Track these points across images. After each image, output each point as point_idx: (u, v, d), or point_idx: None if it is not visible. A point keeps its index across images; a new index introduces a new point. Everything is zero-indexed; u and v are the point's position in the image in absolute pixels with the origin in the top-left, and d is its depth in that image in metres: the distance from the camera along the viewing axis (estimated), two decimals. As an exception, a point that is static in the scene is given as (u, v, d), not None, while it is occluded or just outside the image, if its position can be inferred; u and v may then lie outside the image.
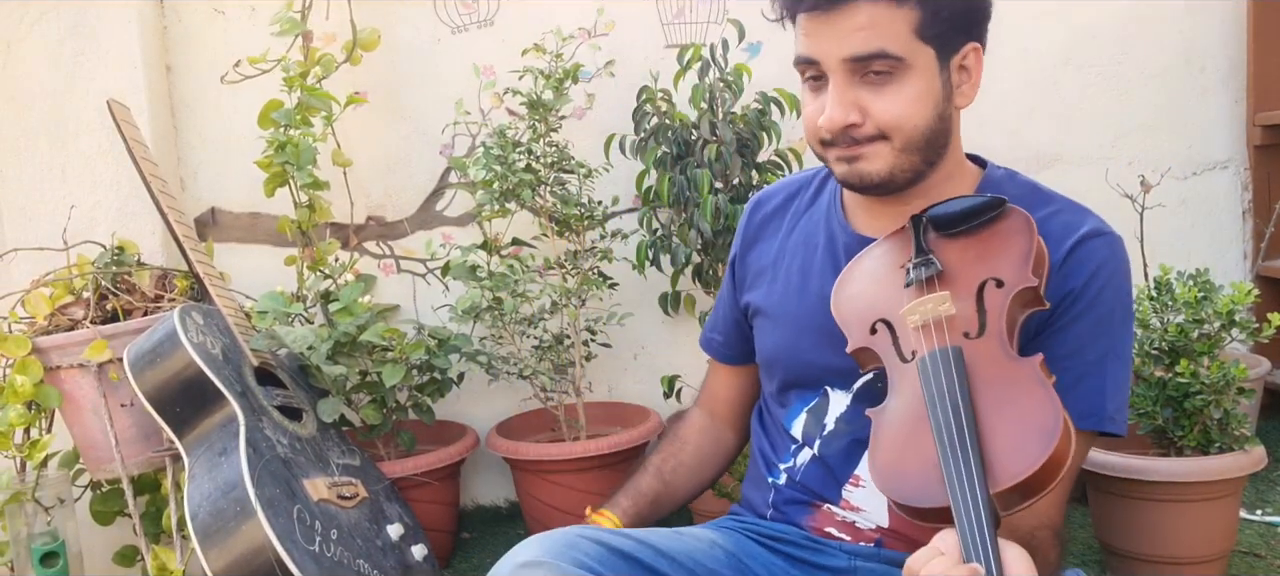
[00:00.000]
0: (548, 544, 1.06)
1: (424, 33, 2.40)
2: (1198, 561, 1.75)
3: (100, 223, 2.20)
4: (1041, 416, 0.87)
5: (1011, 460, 0.86)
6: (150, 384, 1.75)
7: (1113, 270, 1.06)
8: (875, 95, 1.05)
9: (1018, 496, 0.86)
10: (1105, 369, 1.04)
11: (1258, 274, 2.46)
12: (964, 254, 1.04)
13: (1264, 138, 2.47)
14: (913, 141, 1.07)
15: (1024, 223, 1.03)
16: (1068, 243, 1.06)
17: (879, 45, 1.03)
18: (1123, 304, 1.06)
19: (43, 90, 2.20)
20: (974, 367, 0.94)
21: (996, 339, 0.95)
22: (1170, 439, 1.76)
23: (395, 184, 2.45)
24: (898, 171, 1.08)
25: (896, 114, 1.05)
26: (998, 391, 0.91)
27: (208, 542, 1.57)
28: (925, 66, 1.06)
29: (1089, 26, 2.45)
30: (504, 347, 2.29)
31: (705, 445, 1.36)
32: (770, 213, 1.30)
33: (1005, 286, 0.98)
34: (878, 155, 1.07)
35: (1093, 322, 1.04)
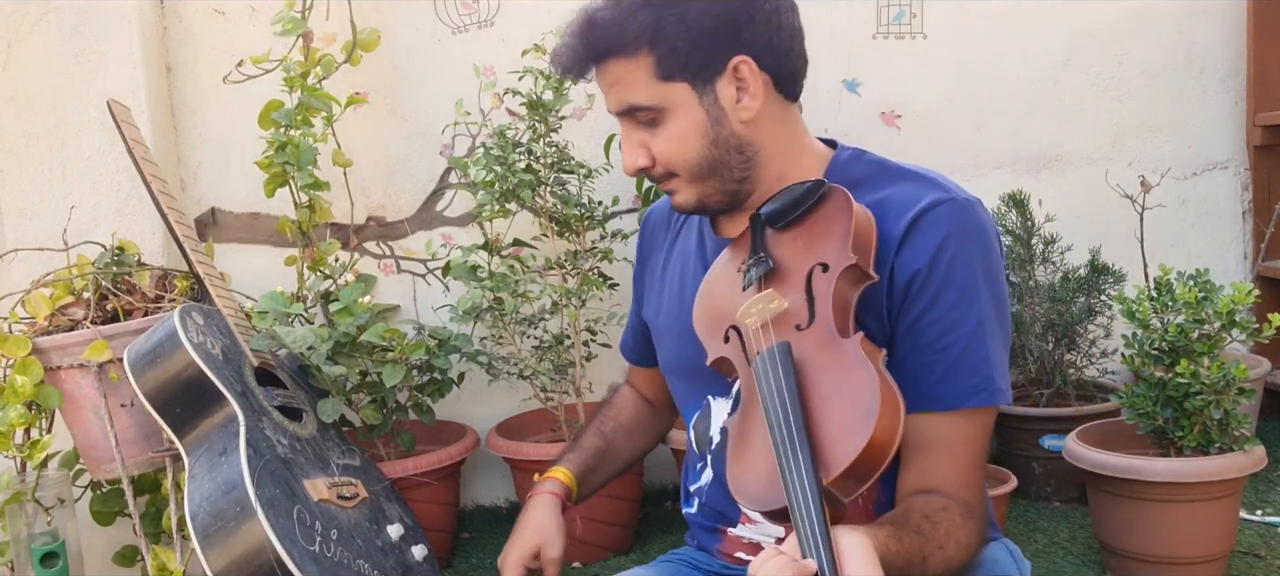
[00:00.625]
0: None
1: (424, 33, 2.40)
2: (1197, 561, 1.75)
3: (100, 223, 2.20)
4: (862, 398, 0.87)
5: (838, 446, 0.86)
6: (150, 384, 1.75)
7: (962, 237, 1.00)
8: (654, 137, 1.09)
9: (853, 482, 0.86)
10: (984, 339, 1.00)
11: (1258, 274, 2.46)
12: (794, 244, 1.05)
13: (1264, 138, 2.47)
14: (697, 173, 1.09)
15: (843, 200, 1.02)
16: (906, 217, 1.01)
17: (628, 100, 1.08)
18: (984, 269, 1.01)
19: (43, 90, 2.20)
20: (804, 358, 0.94)
21: (824, 325, 0.96)
22: (1170, 439, 1.76)
23: (395, 184, 2.45)
24: (706, 198, 1.11)
25: (671, 153, 1.08)
26: (827, 378, 0.92)
27: (208, 543, 1.57)
28: (682, 102, 1.06)
29: (1089, 27, 2.45)
30: (504, 348, 2.29)
31: (640, 413, 1.43)
32: (658, 224, 1.33)
33: (829, 270, 0.98)
34: (679, 189, 1.11)
35: (955, 297, 1.00)
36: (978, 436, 1.02)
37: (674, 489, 2.44)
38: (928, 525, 0.94)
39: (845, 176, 1.08)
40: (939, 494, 0.98)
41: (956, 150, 2.43)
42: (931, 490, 0.99)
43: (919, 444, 1.01)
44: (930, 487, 0.99)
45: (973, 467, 1.02)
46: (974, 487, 1.01)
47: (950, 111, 2.45)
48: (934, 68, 2.43)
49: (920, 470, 1.01)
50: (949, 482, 0.99)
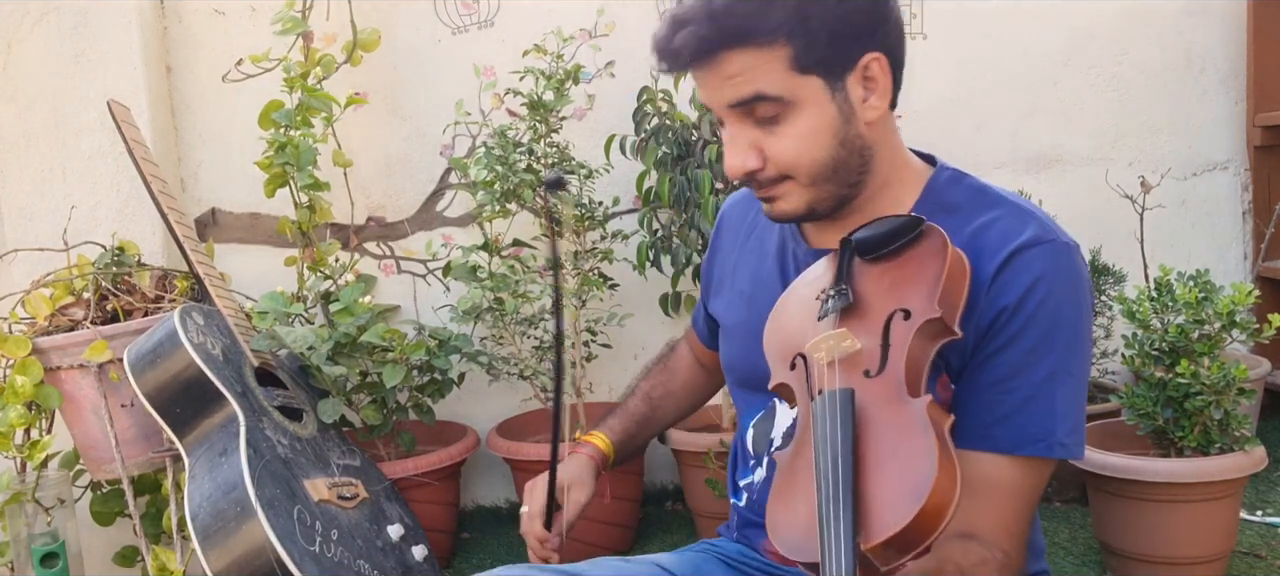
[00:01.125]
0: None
1: (424, 33, 2.40)
2: (1198, 562, 1.75)
3: (101, 223, 2.20)
4: (919, 466, 0.82)
5: (885, 514, 0.81)
6: (151, 384, 1.75)
7: (1053, 282, 0.96)
8: (770, 136, 1.01)
9: (893, 552, 0.81)
10: (1054, 389, 0.96)
11: (1258, 274, 2.46)
12: (880, 281, 1.00)
13: (1264, 138, 2.47)
14: (818, 175, 1.03)
15: (939, 243, 0.97)
16: (1002, 254, 0.97)
17: (755, 89, 0.99)
18: (1068, 319, 0.97)
19: (43, 91, 2.20)
20: (866, 410, 0.89)
21: (894, 379, 0.91)
22: (1170, 439, 1.76)
23: (395, 184, 2.45)
24: (816, 203, 1.05)
25: (794, 153, 1.01)
26: (886, 437, 0.87)
27: (208, 543, 1.57)
28: (813, 97, 1.00)
29: (1089, 27, 2.45)
30: (504, 348, 2.29)
31: (693, 378, 1.42)
32: (734, 218, 1.30)
33: (910, 319, 0.93)
34: (788, 194, 1.04)
35: (1035, 340, 0.96)
36: (1029, 488, 0.97)
37: (675, 489, 2.44)
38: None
39: (942, 200, 1.05)
40: (979, 541, 0.94)
41: (957, 150, 2.40)
42: (971, 535, 0.94)
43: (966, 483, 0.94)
44: (971, 532, 0.94)
45: (1018, 519, 0.97)
46: (1016, 539, 0.97)
47: (950, 111, 2.45)
48: (934, 68, 2.43)
49: (964, 511, 0.93)
50: (991, 530, 0.95)
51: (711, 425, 2.25)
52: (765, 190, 1.04)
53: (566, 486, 1.28)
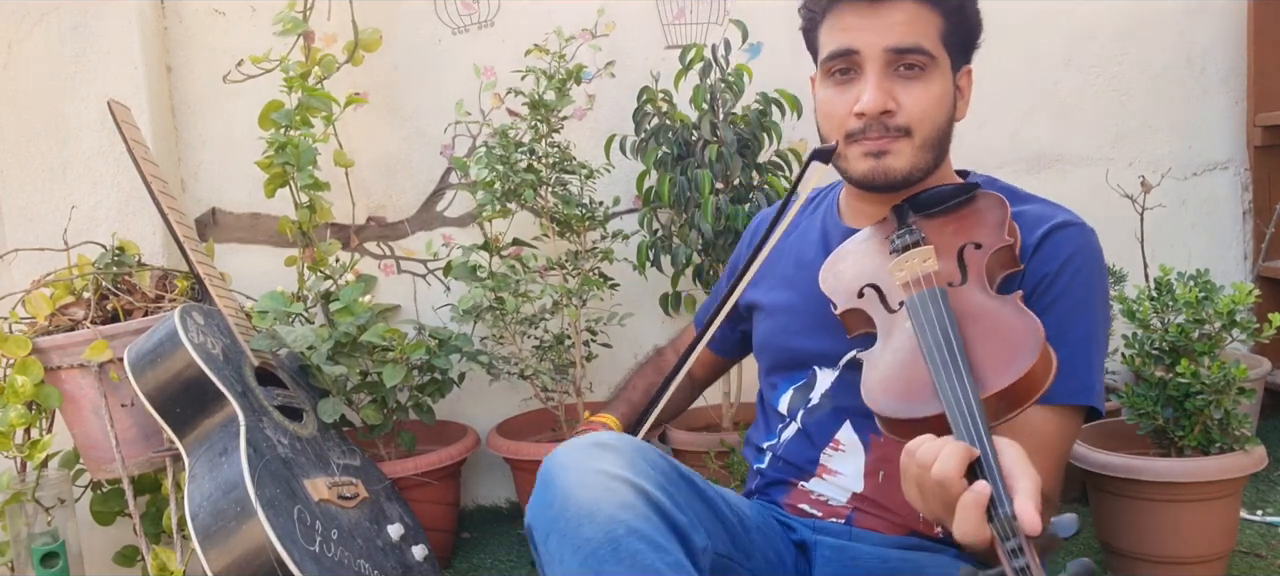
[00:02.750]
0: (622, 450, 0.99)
1: (425, 33, 2.40)
2: (1198, 561, 1.75)
3: (101, 223, 2.20)
4: (1023, 334, 0.93)
5: (998, 371, 0.91)
6: (151, 384, 1.75)
7: (1086, 257, 1.11)
8: (906, 89, 1.14)
9: (1005, 405, 0.91)
10: (1091, 348, 1.09)
11: (1258, 274, 2.46)
12: (943, 228, 1.13)
13: (1264, 138, 2.47)
14: (929, 138, 1.16)
15: (997, 201, 1.13)
16: (1041, 229, 1.12)
17: (917, 40, 1.13)
18: (1099, 289, 1.12)
19: (43, 91, 2.20)
20: (958, 307, 1.00)
21: (978, 285, 1.03)
22: (1171, 439, 1.76)
23: (396, 184, 2.45)
24: (915, 169, 1.17)
25: (923, 108, 1.15)
26: (982, 323, 0.98)
27: (208, 543, 1.57)
28: (945, 70, 1.17)
29: (1089, 27, 2.45)
30: (505, 348, 2.29)
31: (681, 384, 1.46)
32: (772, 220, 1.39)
33: (983, 248, 1.06)
34: (901, 152, 1.16)
35: (1072, 305, 1.09)
36: (1066, 437, 1.09)
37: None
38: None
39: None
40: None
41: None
42: None
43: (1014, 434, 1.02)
44: None
45: (1057, 467, 1.08)
46: (1054, 486, 1.08)
47: (950, 111, 2.45)
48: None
49: None
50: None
51: (712, 425, 2.26)
52: (884, 141, 1.16)
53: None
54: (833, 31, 1.17)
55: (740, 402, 2.25)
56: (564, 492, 0.95)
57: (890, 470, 1.16)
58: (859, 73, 1.15)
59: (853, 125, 1.16)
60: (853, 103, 1.15)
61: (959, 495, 0.81)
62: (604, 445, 0.99)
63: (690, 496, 1.03)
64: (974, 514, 0.80)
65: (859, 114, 1.14)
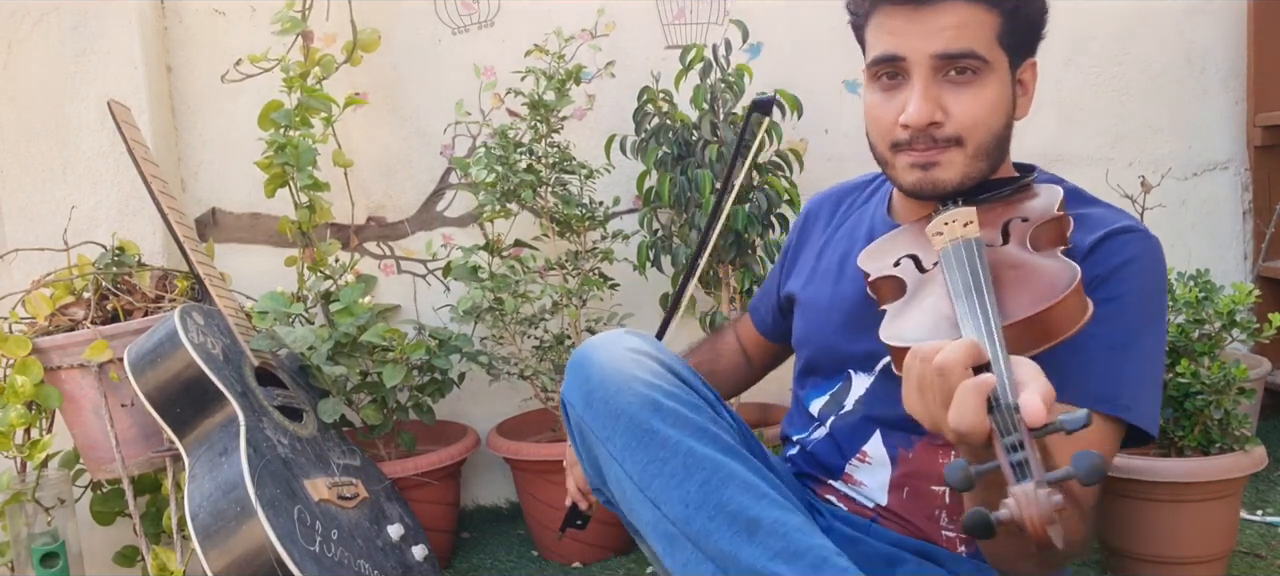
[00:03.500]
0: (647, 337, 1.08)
1: (424, 33, 2.40)
2: (1198, 561, 1.75)
3: (101, 223, 2.20)
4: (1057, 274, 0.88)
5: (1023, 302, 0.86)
6: (151, 384, 1.75)
7: (1142, 265, 1.03)
8: (956, 96, 1.06)
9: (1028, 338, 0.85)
10: (1127, 357, 1.01)
11: (1258, 274, 2.46)
12: (992, 209, 1.07)
13: (1264, 138, 2.47)
14: (984, 147, 1.09)
15: (1048, 190, 1.06)
16: (1099, 232, 1.05)
17: (968, 45, 1.05)
18: (1152, 299, 1.04)
19: (43, 91, 2.20)
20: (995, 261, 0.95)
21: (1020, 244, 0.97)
22: (1171, 439, 1.76)
23: (396, 184, 2.45)
24: (968, 179, 1.10)
25: (976, 116, 1.07)
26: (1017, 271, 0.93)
27: (208, 543, 1.57)
28: (1001, 72, 1.09)
29: (1089, 27, 2.45)
30: (505, 348, 2.29)
31: (737, 365, 1.52)
32: (825, 211, 1.37)
33: (1029, 221, 1.00)
34: (952, 163, 1.08)
35: (1114, 308, 1.01)
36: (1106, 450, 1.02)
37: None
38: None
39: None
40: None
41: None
42: None
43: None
44: None
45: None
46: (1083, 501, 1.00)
47: (950, 111, 2.45)
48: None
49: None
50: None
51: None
52: (932, 153, 1.09)
53: None
54: (878, 34, 1.09)
55: (740, 403, 2.25)
56: (600, 366, 1.02)
57: (914, 486, 1.15)
58: (906, 79, 1.08)
59: (899, 135, 1.09)
60: (899, 111, 1.08)
61: (958, 383, 0.77)
62: (630, 332, 1.08)
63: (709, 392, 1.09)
64: (973, 398, 0.75)
65: (904, 125, 1.08)
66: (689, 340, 2.33)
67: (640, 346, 1.04)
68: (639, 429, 0.98)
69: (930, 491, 1.13)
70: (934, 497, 1.13)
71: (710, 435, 0.98)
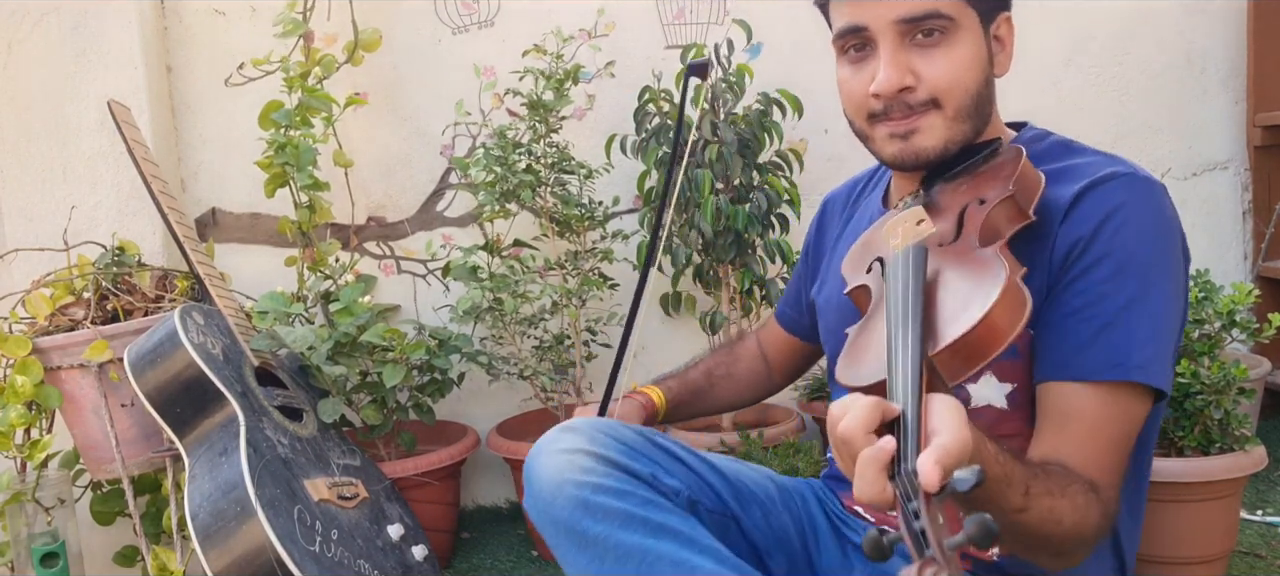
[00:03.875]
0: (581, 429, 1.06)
1: (425, 33, 2.40)
2: (1198, 561, 1.75)
3: (101, 223, 2.20)
4: (985, 284, 0.85)
5: (951, 323, 0.83)
6: (151, 384, 1.75)
7: (1130, 212, 0.96)
8: (926, 59, 1.03)
9: (959, 361, 0.82)
10: (1131, 317, 0.95)
11: (1258, 274, 2.46)
12: (957, 190, 1.04)
13: (1264, 138, 2.47)
14: (964, 108, 1.05)
15: (1014, 154, 1.01)
16: (1077, 186, 0.98)
17: (931, 5, 1.01)
18: (1149, 248, 0.96)
19: (44, 91, 2.20)
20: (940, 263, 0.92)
21: (967, 241, 0.94)
22: (1171, 439, 1.76)
23: (396, 184, 2.45)
24: (950, 143, 1.06)
25: (950, 76, 1.03)
26: (957, 273, 0.89)
27: (208, 543, 1.57)
28: (972, 28, 1.04)
29: (1089, 27, 2.45)
30: (504, 348, 2.29)
31: (755, 370, 1.47)
32: (838, 206, 1.35)
33: (985, 203, 0.97)
34: (932, 128, 1.05)
35: (1111, 269, 0.95)
36: (1117, 418, 0.96)
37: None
38: (1042, 470, 0.89)
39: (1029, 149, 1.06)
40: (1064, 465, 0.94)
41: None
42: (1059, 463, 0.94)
43: (1052, 415, 0.97)
44: (1058, 461, 0.94)
45: (1104, 449, 0.96)
46: (1104, 471, 0.95)
47: (950, 112, 2.45)
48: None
49: (1051, 443, 0.96)
50: (1077, 459, 0.94)
51: (712, 425, 2.26)
52: (910, 120, 1.05)
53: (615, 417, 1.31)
54: (840, 6, 1.07)
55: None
56: (538, 478, 1.03)
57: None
58: (872, 48, 1.05)
59: (873, 106, 1.05)
60: (869, 81, 1.04)
61: (861, 450, 0.74)
62: (567, 429, 1.06)
63: (659, 454, 1.07)
64: (870, 470, 0.72)
65: (875, 94, 1.04)
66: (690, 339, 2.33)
67: (575, 444, 1.03)
68: (574, 533, 0.98)
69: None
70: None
71: (638, 520, 0.97)
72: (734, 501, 1.12)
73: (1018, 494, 0.85)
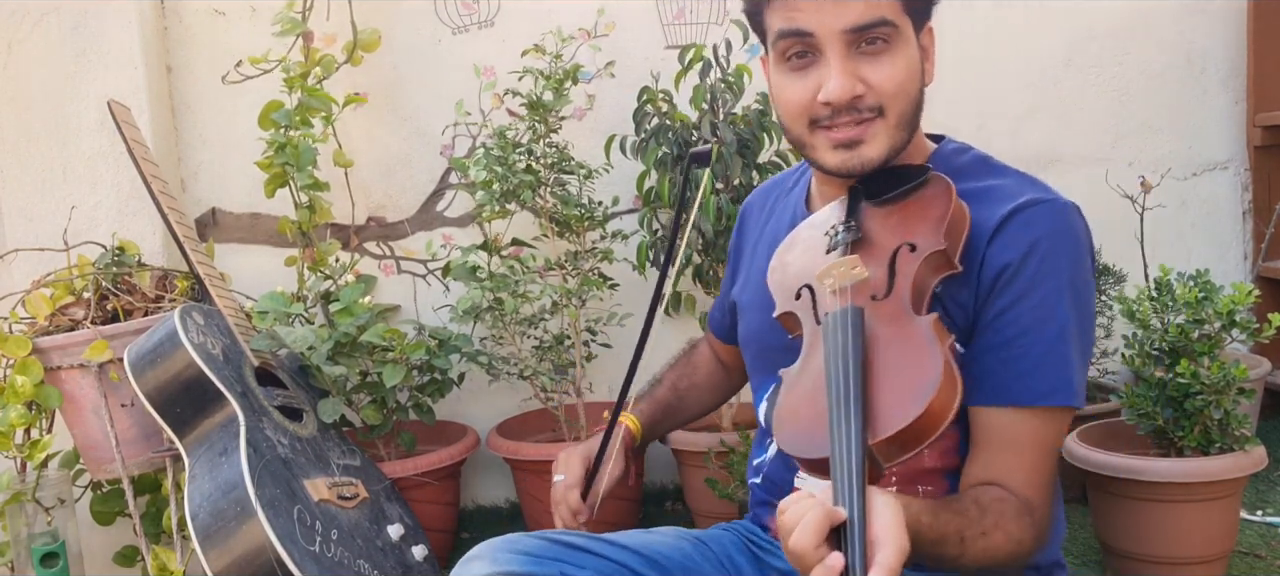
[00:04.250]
0: (483, 555, 1.10)
1: (424, 33, 2.40)
2: (1198, 562, 1.75)
3: (101, 223, 2.20)
4: (924, 372, 0.88)
5: (893, 412, 0.87)
6: (151, 384, 1.75)
7: (1056, 240, 1.00)
8: (873, 66, 1.03)
9: (897, 448, 0.86)
10: (1067, 343, 1.00)
11: (1258, 274, 2.46)
12: (886, 221, 1.05)
13: (1264, 138, 2.47)
14: (906, 115, 1.06)
15: (944, 188, 1.03)
16: (1002, 211, 1.01)
17: (879, 13, 1.01)
18: (1073, 275, 1.01)
19: (44, 91, 2.20)
20: (874, 327, 0.95)
21: (899, 301, 0.96)
22: (1171, 439, 1.76)
23: (396, 184, 2.45)
24: (892, 150, 1.06)
25: (896, 84, 1.03)
26: (893, 349, 0.92)
27: (208, 543, 1.57)
28: (909, 38, 1.05)
29: (1089, 27, 2.45)
30: (504, 348, 2.29)
31: (715, 374, 1.48)
32: (755, 209, 1.35)
33: (917, 250, 0.99)
34: (876, 136, 1.05)
35: (1042, 296, 0.99)
36: (1049, 438, 1.02)
37: (675, 489, 2.44)
38: (975, 509, 0.95)
39: (949, 166, 1.09)
40: (1000, 488, 0.99)
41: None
42: (994, 484, 1.00)
43: (987, 438, 1.01)
44: (993, 482, 1.00)
45: (1039, 468, 1.01)
46: (1038, 489, 1.01)
47: (950, 111, 2.43)
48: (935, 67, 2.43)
49: (986, 464, 1.01)
50: (1013, 480, 0.99)
51: (712, 425, 2.26)
52: (856, 128, 1.05)
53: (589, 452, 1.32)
54: (781, 10, 1.05)
55: (740, 402, 2.25)
56: None
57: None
58: (817, 56, 1.03)
59: (819, 112, 1.04)
60: (814, 89, 1.03)
61: (813, 564, 0.78)
62: (469, 559, 1.10)
63: (565, 551, 1.10)
64: None
65: (826, 102, 1.03)
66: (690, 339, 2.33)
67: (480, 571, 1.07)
68: None
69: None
70: None
71: None
72: (652, 573, 1.13)
73: (953, 546, 0.91)
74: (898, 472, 1.07)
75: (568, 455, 1.32)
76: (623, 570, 1.12)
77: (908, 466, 1.05)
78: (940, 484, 1.07)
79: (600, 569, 1.11)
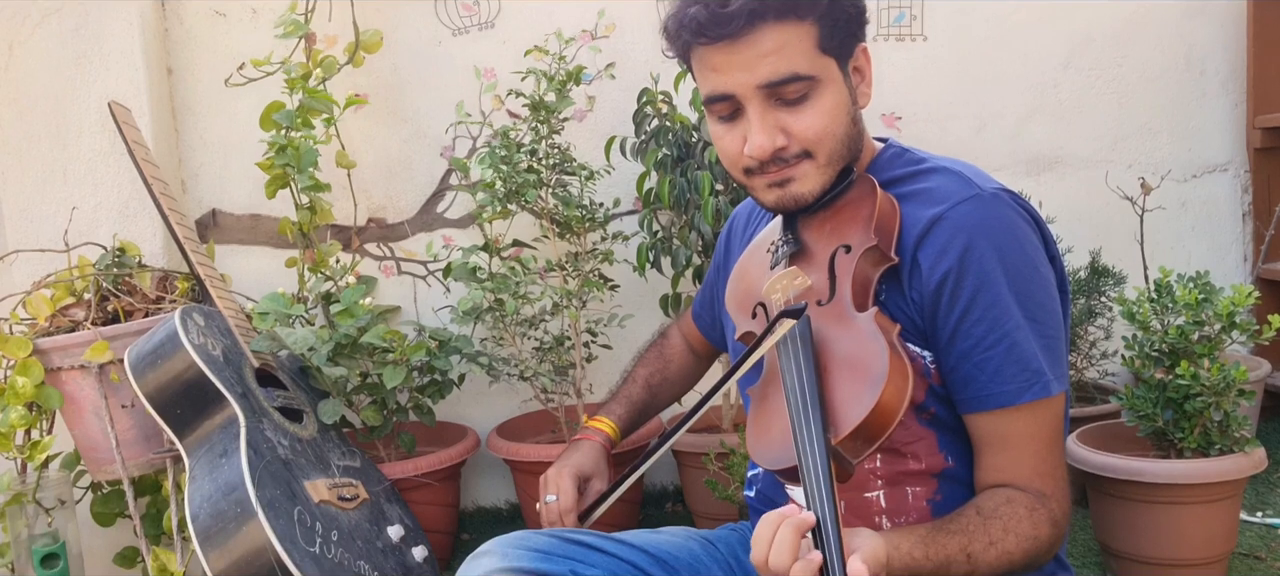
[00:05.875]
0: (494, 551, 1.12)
1: (425, 35, 2.40)
2: (1198, 563, 1.75)
3: (102, 224, 2.20)
4: (872, 366, 0.93)
5: (848, 409, 0.91)
6: (151, 385, 1.75)
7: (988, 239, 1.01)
8: (794, 116, 1.05)
9: (861, 443, 0.91)
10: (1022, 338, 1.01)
11: (1258, 276, 2.46)
12: (821, 228, 1.10)
13: (1264, 140, 2.47)
14: (835, 153, 1.08)
15: (868, 187, 1.08)
16: (930, 213, 1.03)
17: (790, 69, 1.03)
18: (1016, 262, 1.02)
19: (45, 92, 2.20)
20: (822, 330, 1.00)
21: (842, 301, 1.02)
22: (1170, 441, 1.76)
23: (396, 186, 2.45)
24: (825, 186, 1.09)
25: (818, 129, 1.06)
26: (841, 349, 0.98)
27: (208, 544, 1.57)
28: (833, 77, 1.07)
29: (1088, 30, 2.46)
30: (505, 349, 2.29)
31: (687, 365, 1.54)
32: (741, 222, 1.38)
33: (852, 250, 1.04)
34: (806, 176, 1.08)
35: (990, 301, 1.01)
36: (1044, 427, 1.03)
37: (675, 490, 2.44)
38: (977, 521, 0.97)
39: (882, 173, 1.12)
40: (1010, 487, 1.02)
41: (956, 152, 2.37)
42: (1004, 485, 1.03)
43: (986, 441, 1.04)
44: (1003, 483, 1.03)
45: (1043, 457, 1.04)
46: (1047, 477, 1.03)
47: (950, 113, 2.45)
48: (934, 70, 2.44)
49: (990, 465, 1.05)
50: (1020, 475, 1.03)
51: (712, 426, 2.26)
52: (785, 171, 1.08)
53: (587, 476, 1.35)
54: (703, 71, 1.08)
55: (740, 403, 2.25)
56: None
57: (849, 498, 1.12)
58: (741, 111, 1.06)
59: (748, 163, 1.08)
60: (742, 141, 1.07)
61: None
62: (479, 554, 1.12)
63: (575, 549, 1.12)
64: None
65: (750, 155, 1.07)
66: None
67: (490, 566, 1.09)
68: None
69: (865, 499, 1.11)
70: (871, 505, 1.11)
71: None
72: (661, 572, 1.16)
73: (960, 565, 0.94)
74: (884, 476, 1.09)
75: (557, 473, 1.32)
76: (632, 569, 1.14)
77: (894, 470, 1.08)
78: (928, 485, 1.08)
79: (610, 567, 1.12)
